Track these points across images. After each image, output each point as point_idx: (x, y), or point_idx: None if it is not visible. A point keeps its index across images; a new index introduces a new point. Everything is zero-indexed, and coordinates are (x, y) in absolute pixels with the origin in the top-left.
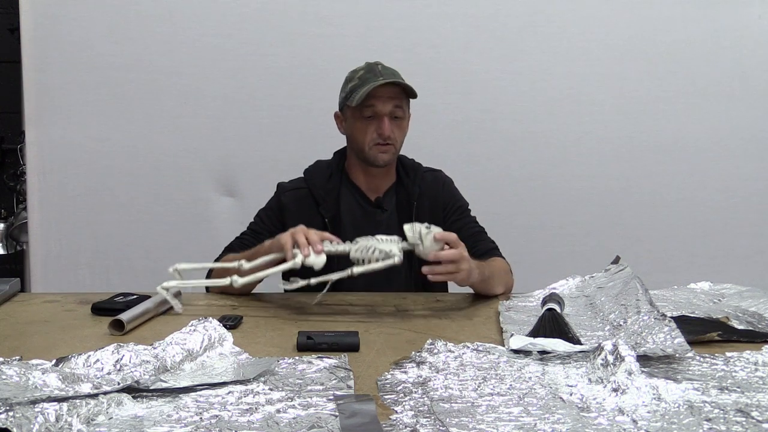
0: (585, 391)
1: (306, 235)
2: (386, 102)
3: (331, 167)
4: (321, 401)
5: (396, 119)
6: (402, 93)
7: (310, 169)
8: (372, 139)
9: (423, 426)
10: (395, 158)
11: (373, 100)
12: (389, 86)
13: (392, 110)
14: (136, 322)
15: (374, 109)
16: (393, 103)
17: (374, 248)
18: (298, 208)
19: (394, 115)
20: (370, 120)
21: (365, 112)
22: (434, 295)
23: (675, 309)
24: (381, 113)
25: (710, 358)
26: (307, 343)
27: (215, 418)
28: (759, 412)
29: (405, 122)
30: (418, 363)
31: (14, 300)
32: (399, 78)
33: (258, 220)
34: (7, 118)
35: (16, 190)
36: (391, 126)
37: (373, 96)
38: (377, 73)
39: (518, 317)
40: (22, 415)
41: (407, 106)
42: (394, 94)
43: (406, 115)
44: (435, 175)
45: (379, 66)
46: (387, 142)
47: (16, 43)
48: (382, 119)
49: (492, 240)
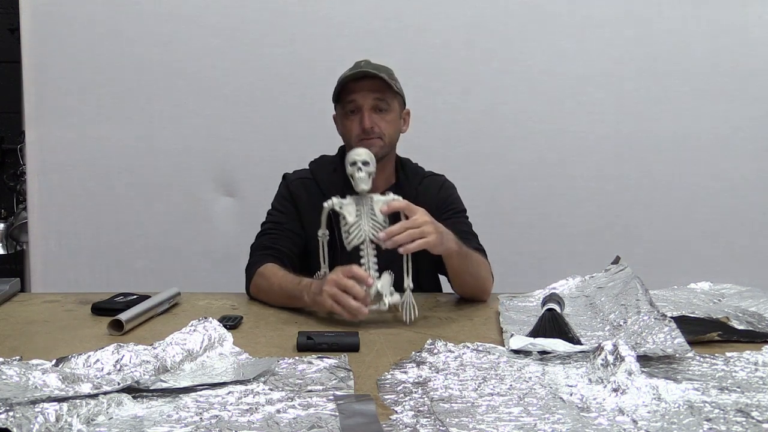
0: (585, 391)
1: (344, 288)
2: (366, 95)
3: (335, 162)
4: (321, 401)
5: (380, 112)
6: (384, 86)
7: (316, 162)
8: (357, 134)
9: (423, 426)
10: (386, 152)
11: (353, 95)
12: (369, 80)
13: (374, 103)
14: (135, 322)
15: (355, 104)
16: (373, 96)
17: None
18: (307, 195)
19: (378, 107)
20: (353, 115)
21: (347, 107)
22: (434, 295)
23: (675, 309)
24: (361, 106)
25: (710, 358)
26: (307, 343)
27: (215, 418)
28: (759, 412)
29: (392, 114)
30: (418, 363)
31: (14, 300)
32: (383, 72)
33: (274, 212)
34: (7, 118)
35: (16, 190)
36: (373, 119)
37: (353, 90)
38: (358, 69)
39: (518, 317)
40: (22, 415)
41: (393, 100)
42: (375, 87)
43: (392, 107)
44: (435, 179)
45: (362, 62)
46: (371, 136)
47: (16, 43)
48: (363, 113)
49: (481, 245)
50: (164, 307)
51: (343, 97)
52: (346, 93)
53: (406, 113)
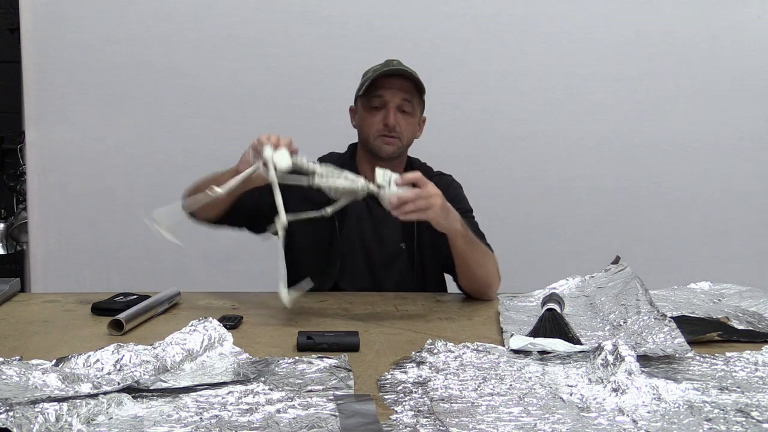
0: (585, 391)
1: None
2: (395, 93)
3: (343, 158)
4: (321, 401)
5: (404, 113)
6: (413, 89)
7: (324, 158)
8: (378, 129)
9: (423, 426)
10: (401, 152)
11: (382, 90)
12: (399, 79)
13: (400, 103)
14: (135, 322)
15: (382, 99)
16: (401, 96)
17: (340, 175)
18: None
19: (403, 108)
20: (377, 110)
21: (373, 101)
22: (434, 295)
23: (675, 309)
24: (388, 103)
25: (710, 358)
26: (307, 343)
27: (215, 418)
28: (759, 412)
29: (414, 119)
30: (418, 363)
31: (14, 300)
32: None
33: None
34: (7, 118)
35: (16, 190)
36: (397, 118)
37: (382, 86)
38: (390, 66)
39: (518, 317)
40: (22, 415)
41: (418, 104)
42: (405, 87)
43: (415, 111)
44: (442, 178)
45: (394, 61)
46: (392, 134)
47: (16, 43)
48: (388, 109)
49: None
50: (164, 307)
51: (371, 91)
52: (375, 87)
53: (423, 120)
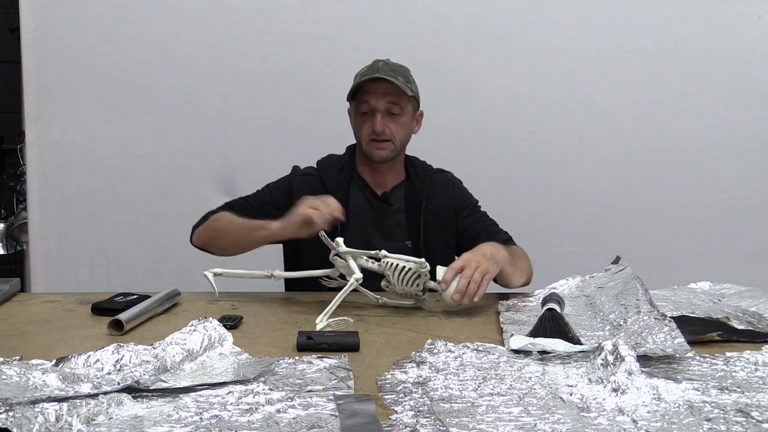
0: (585, 391)
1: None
2: (379, 98)
3: (342, 160)
4: (321, 401)
5: (392, 116)
6: (399, 89)
7: (323, 160)
8: (368, 134)
9: (423, 426)
10: (396, 155)
11: (367, 96)
12: (383, 82)
13: (387, 106)
14: (135, 322)
15: (369, 105)
16: (387, 99)
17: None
18: (310, 192)
19: (390, 111)
20: (366, 116)
21: (361, 107)
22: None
23: (675, 309)
24: (374, 109)
25: (710, 358)
26: (307, 343)
27: (215, 418)
28: (759, 412)
29: (404, 118)
30: (418, 363)
31: (14, 300)
32: (400, 75)
33: (266, 190)
34: (7, 118)
35: (16, 190)
36: (385, 122)
37: (367, 92)
38: (376, 70)
39: (518, 317)
40: (22, 415)
41: (407, 103)
42: (389, 90)
43: (405, 111)
44: (444, 176)
45: (380, 63)
46: (381, 138)
47: (16, 43)
48: (375, 116)
49: (505, 231)
50: (164, 307)
51: (358, 96)
52: (360, 93)
53: (420, 115)
